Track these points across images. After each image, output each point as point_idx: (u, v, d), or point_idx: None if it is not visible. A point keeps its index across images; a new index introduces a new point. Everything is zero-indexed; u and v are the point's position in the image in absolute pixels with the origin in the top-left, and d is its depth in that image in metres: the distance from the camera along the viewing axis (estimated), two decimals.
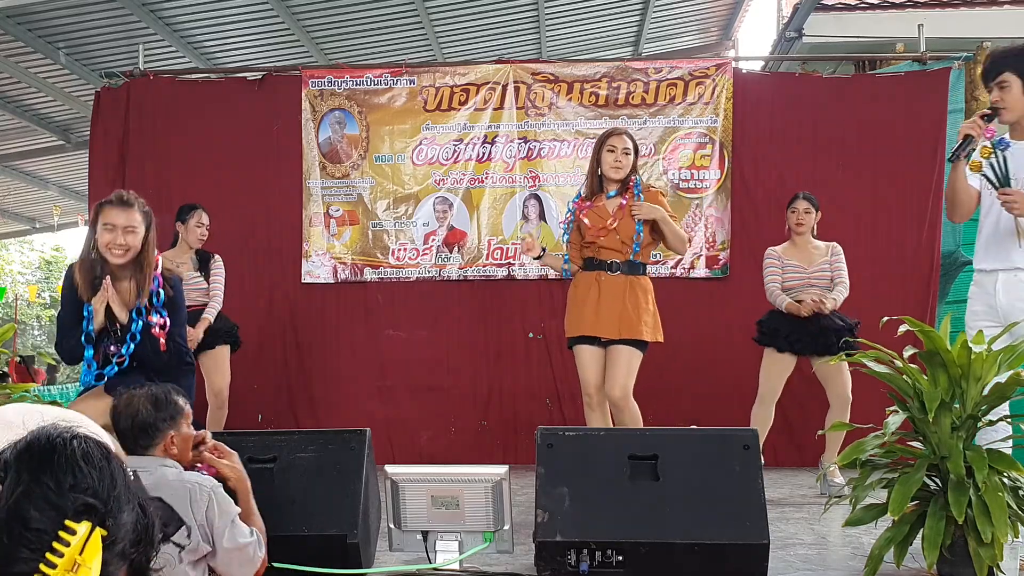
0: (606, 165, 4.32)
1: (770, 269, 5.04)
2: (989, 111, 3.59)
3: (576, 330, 4.36)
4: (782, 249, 5.08)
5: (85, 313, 3.36)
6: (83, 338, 3.37)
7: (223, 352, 5.45)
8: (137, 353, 3.39)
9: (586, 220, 4.33)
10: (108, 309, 3.36)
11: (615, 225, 4.26)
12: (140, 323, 3.36)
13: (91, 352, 3.39)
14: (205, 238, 5.50)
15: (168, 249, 5.36)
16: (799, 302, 4.88)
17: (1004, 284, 3.48)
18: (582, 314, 4.32)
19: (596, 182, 4.39)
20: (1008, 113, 3.53)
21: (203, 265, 5.47)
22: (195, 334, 5.11)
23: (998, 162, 3.49)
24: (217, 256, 5.52)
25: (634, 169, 4.38)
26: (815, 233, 5.09)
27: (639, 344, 4.26)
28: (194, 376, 3.68)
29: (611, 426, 4.33)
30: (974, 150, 3.59)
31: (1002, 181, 3.46)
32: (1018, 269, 3.47)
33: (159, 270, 3.42)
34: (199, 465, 2.68)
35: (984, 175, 3.53)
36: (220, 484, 2.53)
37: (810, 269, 4.98)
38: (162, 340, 3.39)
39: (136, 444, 2.52)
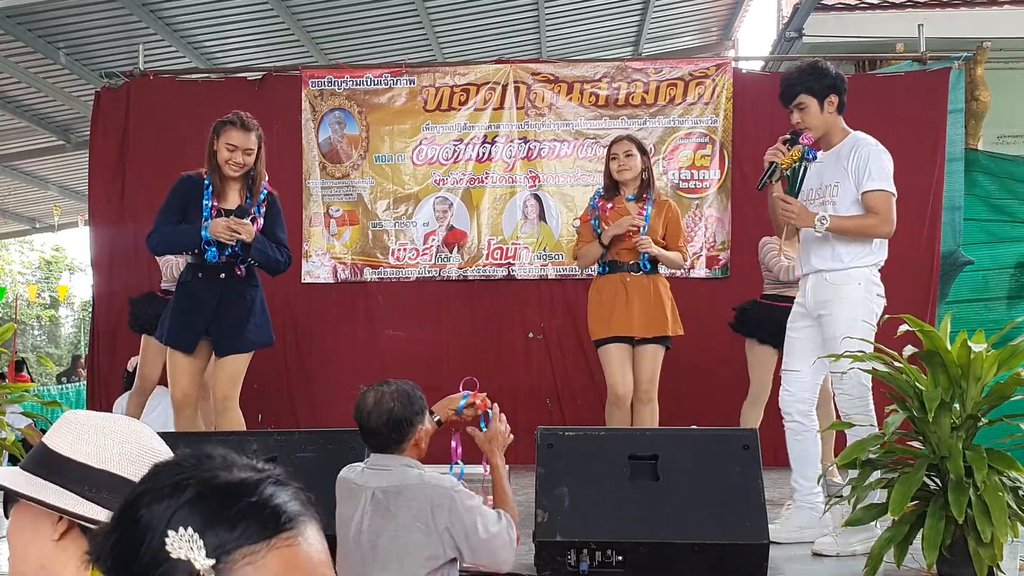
0: (614, 172, 4.57)
1: (774, 252, 4.91)
2: (790, 135, 3.67)
3: (607, 331, 4.49)
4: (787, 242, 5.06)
5: (205, 211, 4.00)
6: (200, 240, 3.98)
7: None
8: (253, 262, 4.07)
9: (606, 225, 4.53)
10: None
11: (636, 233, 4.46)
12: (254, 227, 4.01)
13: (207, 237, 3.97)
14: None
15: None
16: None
17: (812, 285, 3.64)
18: (613, 315, 4.47)
19: (612, 186, 4.62)
20: (812, 131, 3.64)
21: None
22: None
23: (798, 169, 3.64)
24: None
25: (647, 169, 4.60)
26: None
27: (665, 340, 4.53)
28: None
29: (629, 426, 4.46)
30: (780, 176, 3.67)
31: (792, 189, 3.61)
32: (822, 271, 3.62)
33: (266, 181, 4.23)
34: (454, 432, 2.81)
35: (772, 174, 3.62)
36: (459, 483, 2.51)
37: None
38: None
39: (389, 441, 2.48)
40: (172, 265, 5.18)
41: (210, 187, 4.06)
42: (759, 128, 6.23)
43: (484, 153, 6.33)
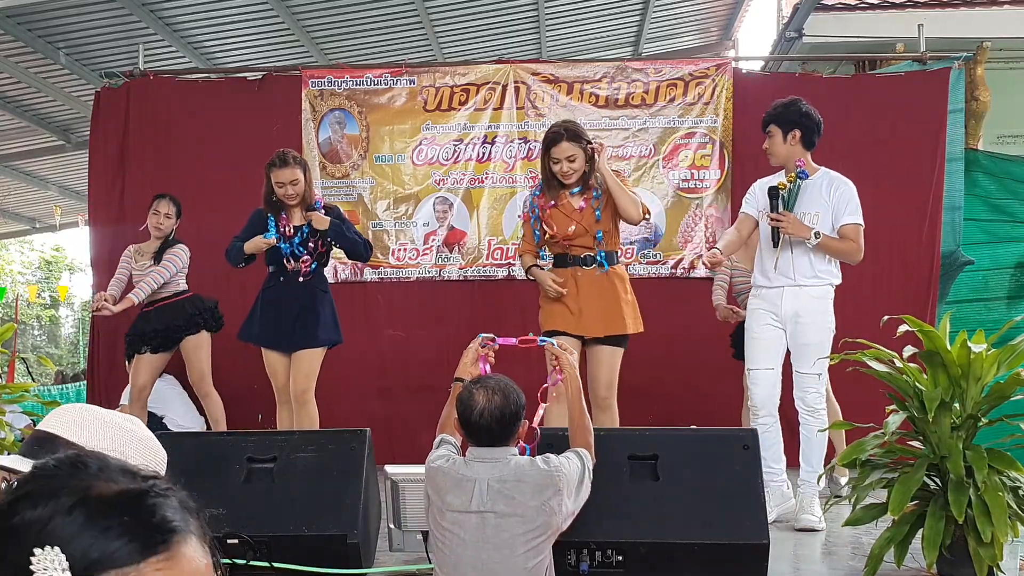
0: (559, 176, 4.19)
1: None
2: (769, 188, 4.17)
3: (549, 324, 4.21)
4: None
5: (273, 229, 4.62)
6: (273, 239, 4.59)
7: (199, 339, 5.44)
8: (349, 255, 4.78)
9: (550, 225, 4.21)
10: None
11: (574, 229, 4.17)
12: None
13: (287, 249, 4.59)
14: (163, 228, 5.40)
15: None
16: None
17: (789, 296, 4.07)
18: (559, 311, 4.18)
19: (553, 184, 4.23)
20: (774, 158, 4.17)
21: (159, 254, 5.41)
22: (116, 309, 5.17)
23: (794, 189, 4.05)
24: (180, 245, 5.44)
25: (590, 160, 4.16)
26: None
27: (622, 340, 4.19)
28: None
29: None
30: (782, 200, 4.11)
31: (788, 206, 4.03)
32: (801, 285, 4.06)
33: (321, 198, 4.95)
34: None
35: (776, 197, 4.06)
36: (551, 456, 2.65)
37: None
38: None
39: (501, 437, 2.58)
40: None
41: (270, 216, 4.65)
42: (759, 128, 6.20)
43: (484, 153, 6.33)
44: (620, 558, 2.90)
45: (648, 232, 6.26)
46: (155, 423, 5.80)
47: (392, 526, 3.20)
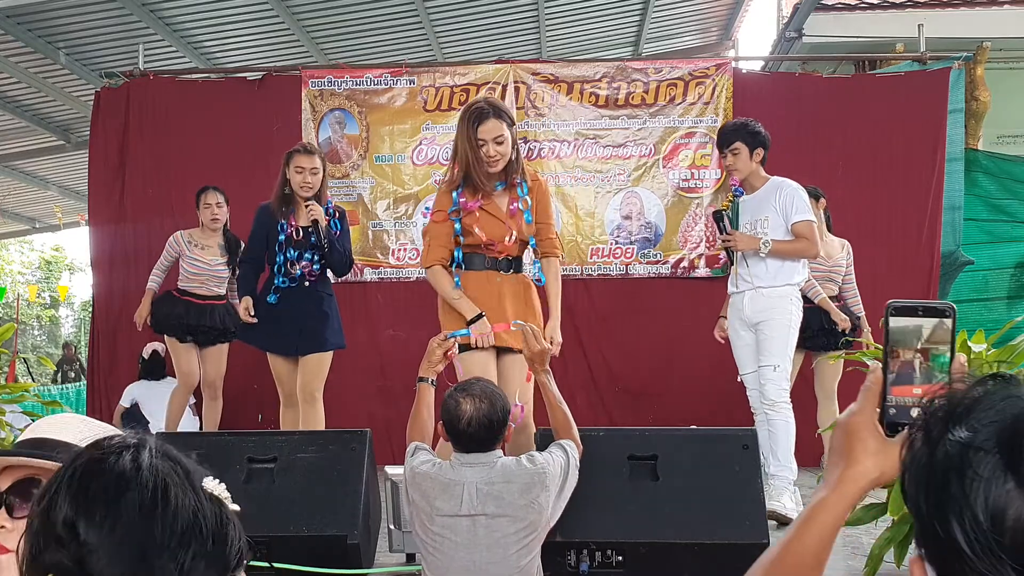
0: (484, 161, 3.53)
1: None
2: (714, 211, 4.64)
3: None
4: None
5: (280, 232, 4.58)
6: (277, 247, 4.58)
7: (224, 347, 5.50)
8: (326, 249, 4.55)
9: (480, 231, 3.57)
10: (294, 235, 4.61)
11: (512, 240, 3.62)
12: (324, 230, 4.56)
13: (282, 259, 4.57)
14: (219, 219, 5.44)
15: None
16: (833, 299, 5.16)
17: (749, 299, 4.32)
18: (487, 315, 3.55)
19: (479, 177, 3.55)
20: (739, 173, 4.38)
21: (232, 252, 5.41)
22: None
23: (735, 208, 4.36)
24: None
25: (515, 148, 3.58)
26: (828, 223, 5.35)
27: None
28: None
29: None
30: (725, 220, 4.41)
31: (733, 224, 4.33)
32: (759, 288, 4.30)
33: (332, 200, 4.88)
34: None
35: (721, 219, 4.36)
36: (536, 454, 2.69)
37: (829, 263, 5.18)
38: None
39: (488, 442, 2.61)
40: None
41: (283, 209, 4.62)
42: None
43: None
44: (620, 558, 2.90)
45: (648, 232, 6.27)
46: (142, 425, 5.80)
47: (392, 526, 3.21)
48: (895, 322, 0.94)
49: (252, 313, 4.56)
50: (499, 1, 7.60)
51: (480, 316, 3.47)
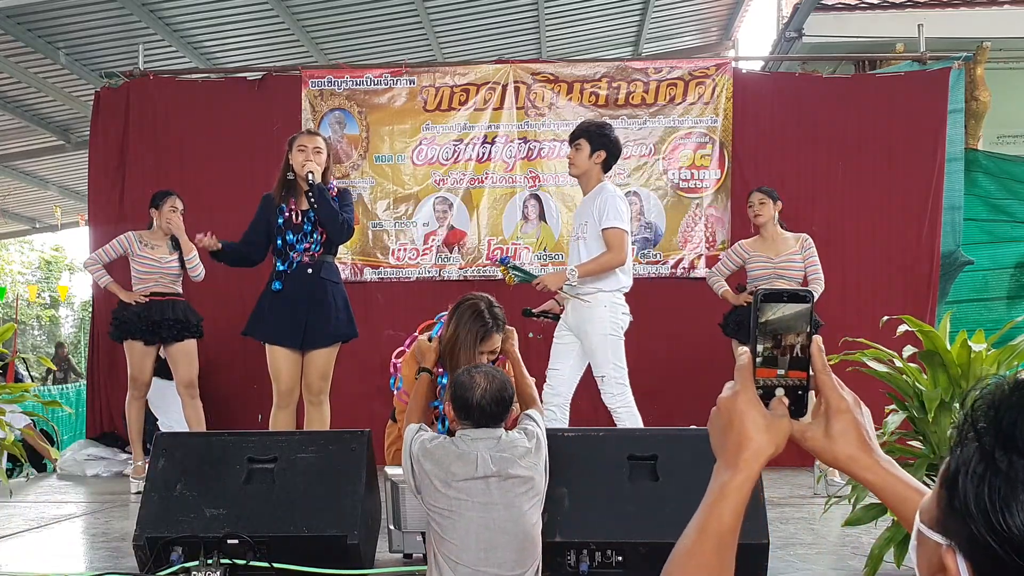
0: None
1: (722, 258, 5.44)
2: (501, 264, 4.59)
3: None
4: (750, 242, 5.30)
5: (279, 216, 4.47)
6: (276, 232, 4.48)
7: (191, 344, 5.43)
8: (322, 219, 4.42)
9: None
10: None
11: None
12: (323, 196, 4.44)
13: (281, 242, 4.46)
14: (176, 224, 5.39)
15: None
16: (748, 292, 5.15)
17: (572, 307, 4.41)
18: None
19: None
20: (575, 168, 4.41)
21: (178, 249, 5.42)
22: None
23: (518, 271, 4.46)
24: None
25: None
26: (781, 223, 5.26)
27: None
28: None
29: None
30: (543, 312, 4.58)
31: (523, 273, 4.46)
32: (578, 296, 4.37)
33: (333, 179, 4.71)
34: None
35: (531, 314, 4.51)
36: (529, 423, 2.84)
37: (776, 260, 5.14)
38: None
39: (499, 417, 2.70)
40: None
41: (283, 194, 4.54)
42: (759, 128, 6.24)
43: (484, 153, 6.34)
44: (620, 558, 2.90)
45: (648, 232, 6.27)
46: (149, 423, 5.79)
47: (392, 526, 3.21)
48: (763, 309, 1.01)
49: (219, 244, 4.55)
50: (499, 1, 7.60)
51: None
